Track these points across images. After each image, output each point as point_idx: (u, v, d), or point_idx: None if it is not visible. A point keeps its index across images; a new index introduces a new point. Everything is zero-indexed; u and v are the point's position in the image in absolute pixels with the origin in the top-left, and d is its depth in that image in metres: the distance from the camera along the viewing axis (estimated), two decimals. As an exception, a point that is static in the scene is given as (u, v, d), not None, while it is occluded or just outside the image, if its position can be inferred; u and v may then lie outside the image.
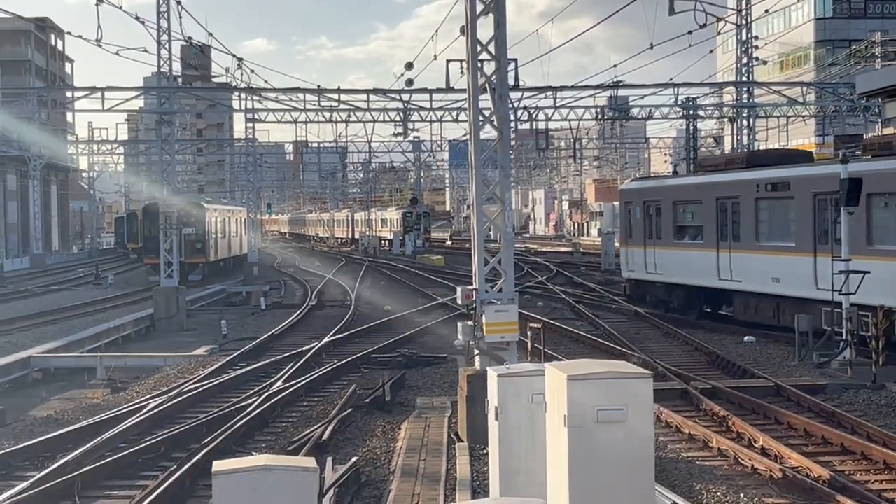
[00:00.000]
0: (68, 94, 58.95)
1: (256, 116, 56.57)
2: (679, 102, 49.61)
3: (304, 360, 23.70)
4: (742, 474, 13.74)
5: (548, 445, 9.60)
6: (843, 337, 21.48)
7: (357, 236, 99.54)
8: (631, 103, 51.50)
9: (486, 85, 16.53)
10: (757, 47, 48.38)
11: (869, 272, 21.64)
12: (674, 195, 31.93)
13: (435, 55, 36.28)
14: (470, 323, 15.98)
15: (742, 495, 12.56)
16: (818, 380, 20.19)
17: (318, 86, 44.99)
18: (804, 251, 25.15)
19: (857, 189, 21.87)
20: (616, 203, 61.25)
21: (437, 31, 51.40)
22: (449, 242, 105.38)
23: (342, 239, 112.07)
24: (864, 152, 25.32)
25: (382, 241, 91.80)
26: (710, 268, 29.10)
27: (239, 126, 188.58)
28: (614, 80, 46.60)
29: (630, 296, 34.77)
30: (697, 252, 29.95)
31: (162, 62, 37.75)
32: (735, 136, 47.95)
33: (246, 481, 7.59)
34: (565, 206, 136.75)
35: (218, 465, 7.87)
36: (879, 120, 47.30)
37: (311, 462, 8.00)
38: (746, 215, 27.74)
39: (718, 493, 12.67)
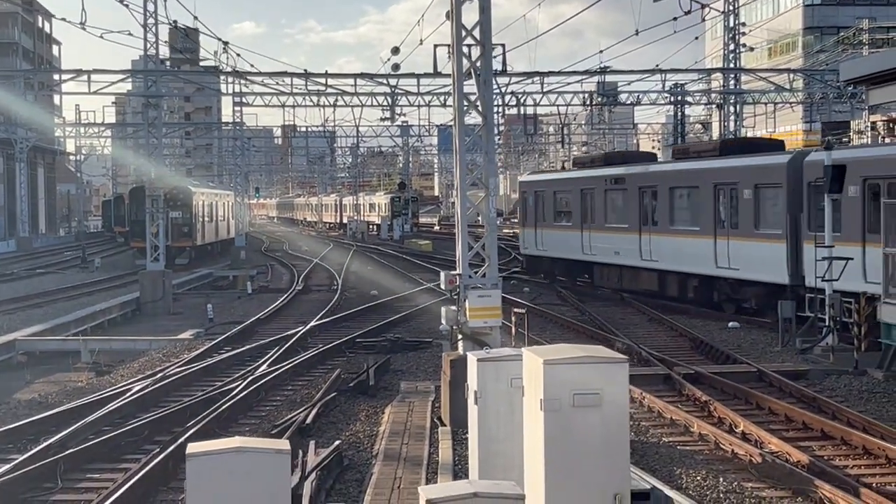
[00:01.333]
0: (55, 76, 58.63)
1: (244, 100, 56.55)
2: (667, 88, 49.68)
3: (289, 344, 23.72)
4: (722, 459, 13.82)
5: (525, 429, 9.66)
6: (826, 323, 21.60)
7: (345, 221, 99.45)
8: (619, 89, 51.54)
9: (471, 70, 16.53)
10: (744, 34, 48.41)
11: (673, 247, 29.90)
12: (554, 187, 38.85)
13: (421, 39, 36.24)
14: (454, 308, 16.03)
15: (721, 479, 12.64)
16: (800, 366, 20.32)
17: (306, 70, 44.98)
18: (634, 231, 32.26)
19: (841, 176, 21.98)
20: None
21: (423, 15, 51.08)
22: (437, 227, 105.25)
23: (330, 223, 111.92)
24: (673, 156, 33.11)
25: (370, 226, 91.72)
26: (577, 245, 35.93)
27: (227, 110, 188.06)
28: (602, 65, 46.64)
29: (526, 269, 41.53)
30: (569, 232, 36.66)
31: (148, 45, 37.62)
32: (722, 123, 48.03)
33: (219, 463, 7.63)
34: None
35: (192, 448, 7.91)
36: (865, 107, 47.44)
37: (284, 444, 8.04)
38: (599, 203, 34.81)
39: (698, 478, 12.75)
